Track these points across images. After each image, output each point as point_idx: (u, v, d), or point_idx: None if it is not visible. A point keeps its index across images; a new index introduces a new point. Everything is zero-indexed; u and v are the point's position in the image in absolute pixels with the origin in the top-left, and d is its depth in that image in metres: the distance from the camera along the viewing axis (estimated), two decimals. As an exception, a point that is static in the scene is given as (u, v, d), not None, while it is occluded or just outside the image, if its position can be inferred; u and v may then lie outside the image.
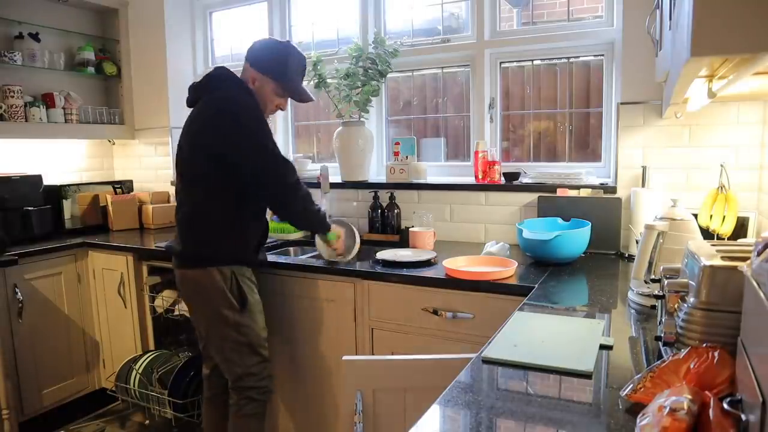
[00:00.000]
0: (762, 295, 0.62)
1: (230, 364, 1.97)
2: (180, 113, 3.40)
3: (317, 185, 2.81)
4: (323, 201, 2.75)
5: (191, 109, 1.99)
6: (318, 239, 2.25)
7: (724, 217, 1.85)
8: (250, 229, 2.00)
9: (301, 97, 2.07)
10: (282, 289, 2.24)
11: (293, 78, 2.01)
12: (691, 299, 0.97)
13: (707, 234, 1.82)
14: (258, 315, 2.01)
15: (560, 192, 2.33)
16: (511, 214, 2.48)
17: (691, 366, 0.86)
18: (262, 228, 2.06)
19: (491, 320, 1.77)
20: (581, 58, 2.50)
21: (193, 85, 2.00)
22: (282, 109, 2.08)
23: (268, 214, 2.52)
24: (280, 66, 1.98)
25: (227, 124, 1.84)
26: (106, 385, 2.93)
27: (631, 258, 2.09)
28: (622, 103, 2.22)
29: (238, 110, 1.86)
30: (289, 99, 2.08)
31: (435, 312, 1.91)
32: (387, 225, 2.67)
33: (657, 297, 1.12)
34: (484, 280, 1.83)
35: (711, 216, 1.88)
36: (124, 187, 3.38)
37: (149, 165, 3.52)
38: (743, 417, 0.65)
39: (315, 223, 2.08)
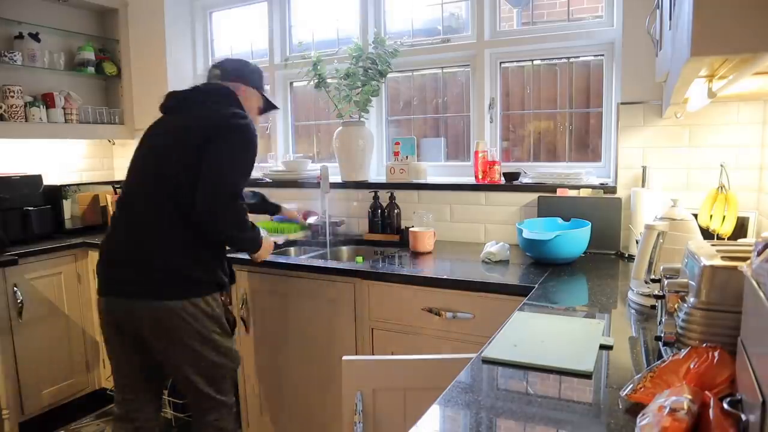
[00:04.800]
0: (762, 295, 0.62)
1: (215, 395, 1.81)
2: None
3: (317, 185, 2.81)
4: (324, 201, 2.76)
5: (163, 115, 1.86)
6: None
7: (724, 217, 1.85)
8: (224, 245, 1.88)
9: (275, 106, 2.07)
10: (282, 289, 2.24)
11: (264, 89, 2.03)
12: (691, 299, 0.97)
13: (707, 234, 1.82)
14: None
15: (560, 192, 2.33)
16: (511, 214, 2.48)
17: (691, 366, 0.86)
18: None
19: (491, 320, 1.77)
20: (581, 58, 2.50)
21: (180, 95, 1.86)
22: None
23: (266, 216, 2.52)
24: (260, 78, 1.99)
25: (242, 146, 1.73)
26: (106, 385, 2.93)
27: (631, 258, 2.09)
28: (622, 103, 2.22)
29: (250, 135, 1.76)
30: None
31: (435, 312, 1.91)
32: (387, 225, 2.66)
33: (657, 297, 1.12)
34: (483, 280, 1.84)
35: (711, 216, 1.87)
36: (124, 187, 3.38)
37: (149, 165, 3.51)
38: (743, 417, 0.65)
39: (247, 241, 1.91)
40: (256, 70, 2.01)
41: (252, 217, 1.88)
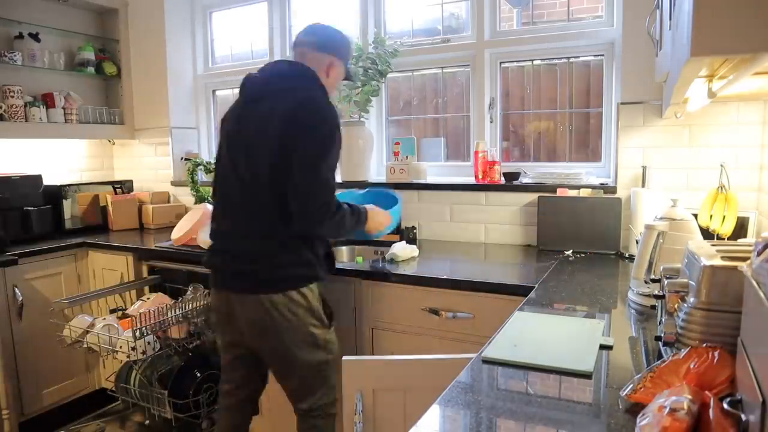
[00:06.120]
0: (762, 295, 0.62)
1: (314, 388, 1.79)
2: (180, 113, 3.40)
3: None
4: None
5: (239, 104, 1.77)
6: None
7: (724, 217, 1.85)
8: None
9: (352, 77, 2.08)
10: (282, 289, 2.23)
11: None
12: (691, 299, 0.97)
13: (707, 234, 1.81)
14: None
15: (560, 192, 2.33)
16: (511, 214, 2.48)
17: (691, 366, 0.86)
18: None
19: (491, 320, 1.77)
20: (581, 58, 2.50)
21: (257, 79, 1.76)
22: None
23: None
24: (350, 51, 1.97)
25: (325, 133, 1.66)
26: (106, 385, 2.92)
27: (631, 258, 2.09)
28: (622, 103, 2.22)
29: (332, 121, 1.68)
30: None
31: (435, 312, 1.91)
32: (387, 225, 2.66)
33: (657, 297, 1.12)
34: (483, 280, 1.84)
35: (711, 216, 1.87)
36: (124, 187, 3.38)
37: (149, 165, 3.52)
38: (743, 417, 0.65)
39: (350, 230, 1.85)
40: (348, 45, 1.92)
41: None
